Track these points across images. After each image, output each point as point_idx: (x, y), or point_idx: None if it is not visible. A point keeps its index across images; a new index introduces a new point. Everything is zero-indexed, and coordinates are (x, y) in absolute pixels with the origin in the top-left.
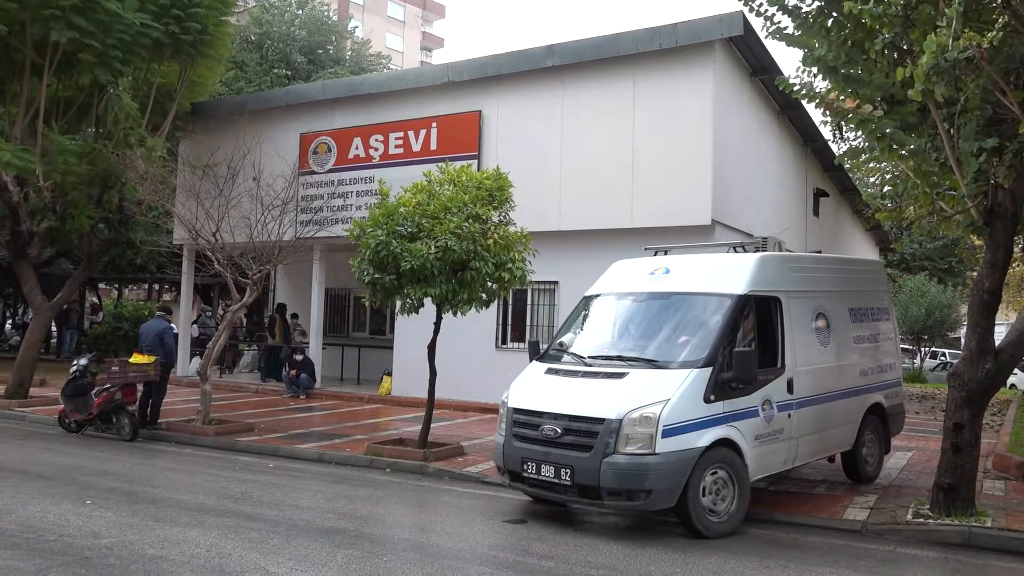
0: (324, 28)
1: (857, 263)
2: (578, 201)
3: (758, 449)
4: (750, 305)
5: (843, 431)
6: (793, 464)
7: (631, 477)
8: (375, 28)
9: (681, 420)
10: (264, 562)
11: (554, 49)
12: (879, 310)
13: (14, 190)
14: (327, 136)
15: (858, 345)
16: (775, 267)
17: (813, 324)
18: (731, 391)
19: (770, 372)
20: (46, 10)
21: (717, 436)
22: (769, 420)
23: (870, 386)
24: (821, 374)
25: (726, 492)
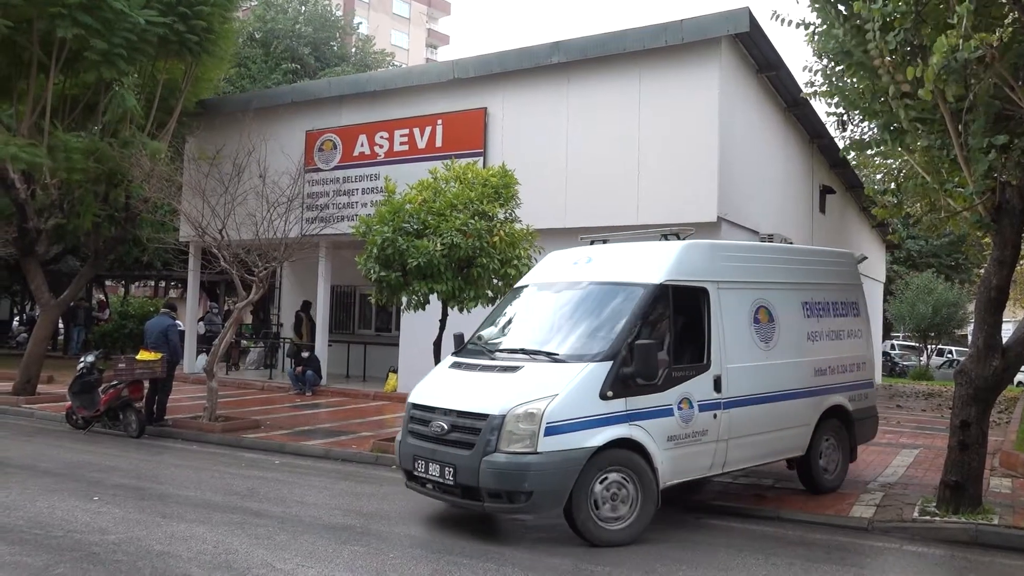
0: (328, 25)
1: (817, 254)
2: (583, 198)
3: (673, 451)
4: (667, 296)
5: (792, 435)
6: (724, 469)
7: (510, 478)
8: (380, 25)
9: (569, 417)
10: (271, 558)
11: (560, 46)
12: (845, 305)
13: (21, 187)
14: (332, 133)
15: (814, 342)
16: (703, 256)
17: (752, 318)
18: (637, 387)
19: (690, 368)
20: (52, 7)
21: (614, 436)
22: (687, 420)
23: (829, 387)
24: (761, 372)
25: (625, 497)
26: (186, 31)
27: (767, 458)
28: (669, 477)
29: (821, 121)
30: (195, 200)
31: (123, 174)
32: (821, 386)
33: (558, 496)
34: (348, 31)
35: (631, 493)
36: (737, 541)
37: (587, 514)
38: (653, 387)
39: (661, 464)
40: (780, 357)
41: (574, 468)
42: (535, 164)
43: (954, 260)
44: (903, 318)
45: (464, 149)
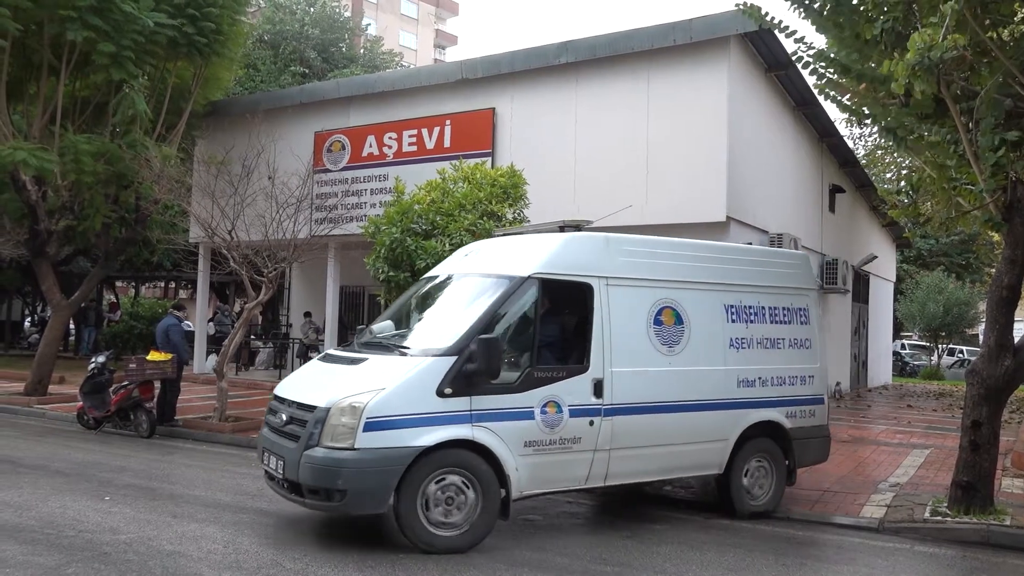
0: (337, 26)
1: (753, 253)
2: (592, 198)
3: (533, 458)
4: (535, 290)
5: (701, 450)
6: (606, 482)
7: (326, 474)
8: (389, 26)
9: (395, 413)
10: (280, 558)
11: (568, 46)
12: (789, 311)
13: (32, 189)
14: (341, 134)
15: (739, 350)
16: (590, 249)
17: (652, 319)
18: (486, 386)
19: (561, 370)
20: (62, 10)
21: (450, 436)
22: (553, 425)
23: (757, 400)
24: (660, 379)
25: (463, 503)
26: (195, 33)
27: (667, 474)
28: (528, 486)
29: (831, 120)
30: (205, 201)
31: (133, 176)
32: (745, 399)
33: (377, 496)
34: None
35: (469, 499)
36: (747, 541)
37: (415, 517)
38: (508, 387)
39: (515, 471)
40: (688, 364)
41: (395, 467)
42: (544, 164)
43: (965, 259)
44: (914, 317)
45: (472, 149)
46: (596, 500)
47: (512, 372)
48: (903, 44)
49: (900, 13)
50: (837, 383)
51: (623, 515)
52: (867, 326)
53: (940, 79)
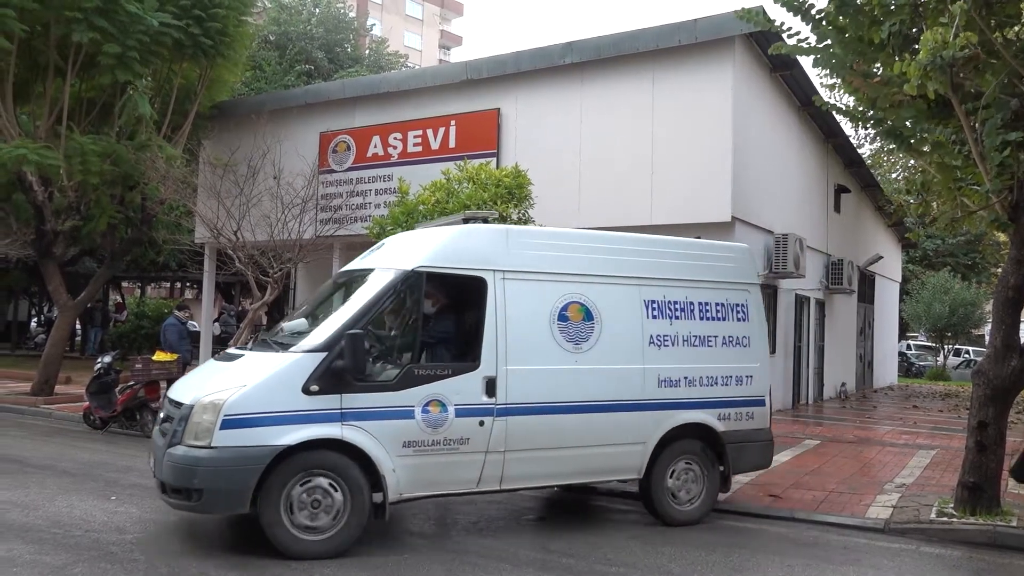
0: (341, 26)
1: (683, 245)
2: (598, 198)
3: (413, 459)
4: (418, 284)
5: (615, 453)
6: (503, 485)
7: (183, 472)
8: (394, 27)
9: (255, 411)
10: (285, 558)
11: (573, 46)
12: (724, 307)
13: (39, 190)
14: (346, 135)
15: (660, 348)
16: (486, 241)
17: (557, 315)
18: (359, 384)
19: (446, 367)
20: (68, 11)
21: (316, 435)
22: (436, 425)
23: (682, 401)
24: (565, 378)
25: (329, 505)
26: (200, 34)
27: (577, 478)
28: (409, 488)
29: (836, 120)
30: (210, 202)
31: (139, 176)
32: (667, 399)
33: (234, 496)
34: (361, 33)
35: (336, 502)
36: (752, 542)
37: (277, 520)
38: (386, 385)
39: (392, 472)
40: (598, 362)
41: (253, 467)
42: (548, 164)
43: (971, 259)
44: (919, 318)
45: (477, 150)
46: (599, 500)
47: (391, 369)
48: (910, 47)
49: (907, 15)
50: (843, 383)
51: (629, 515)
52: (873, 326)
53: (952, 78)
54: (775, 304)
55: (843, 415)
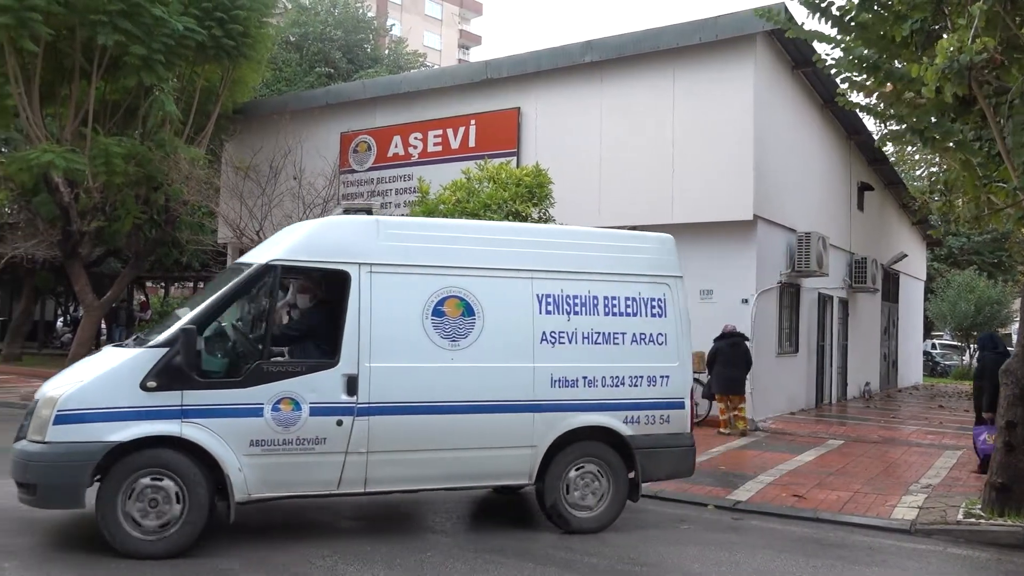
0: (360, 26)
1: (588, 236)
2: (618, 197)
3: (261, 459)
4: (272, 278)
5: (501, 457)
6: (368, 488)
7: (19, 467)
8: (413, 27)
9: (89, 407)
10: (310, 555)
11: (592, 45)
12: (636, 301)
13: (65, 191)
14: (367, 135)
15: (555, 345)
16: (353, 234)
17: (431, 310)
18: (204, 380)
19: (300, 364)
20: (93, 15)
21: (151, 432)
22: (288, 424)
23: (580, 403)
24: (437, 376)
25: (166, 503)
26: (223, 36)
27: (455, 481)
28: (259, 488)
29: (859, 117)
30: (233, 202)
31: (162, 177)
32: (562, 400)
33: (67, 492)
34: (381, 33)
35: (173, 500)
36: (776, 542)
37: (115, 519)
38: (232, 382)
39: (238, 471)
40: (478, 360)
41: (84, 463)
42: (569, 163)
43: (997, 257)
44: (944, 317)
45: (498, 149)
46: None
47: (239, 365)
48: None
49: (930, 12)
50: (867, 383)
51: (650, 514)
52: (897, 325)
53: (971, 81)
54: (798, 303)
55: (867, 415)
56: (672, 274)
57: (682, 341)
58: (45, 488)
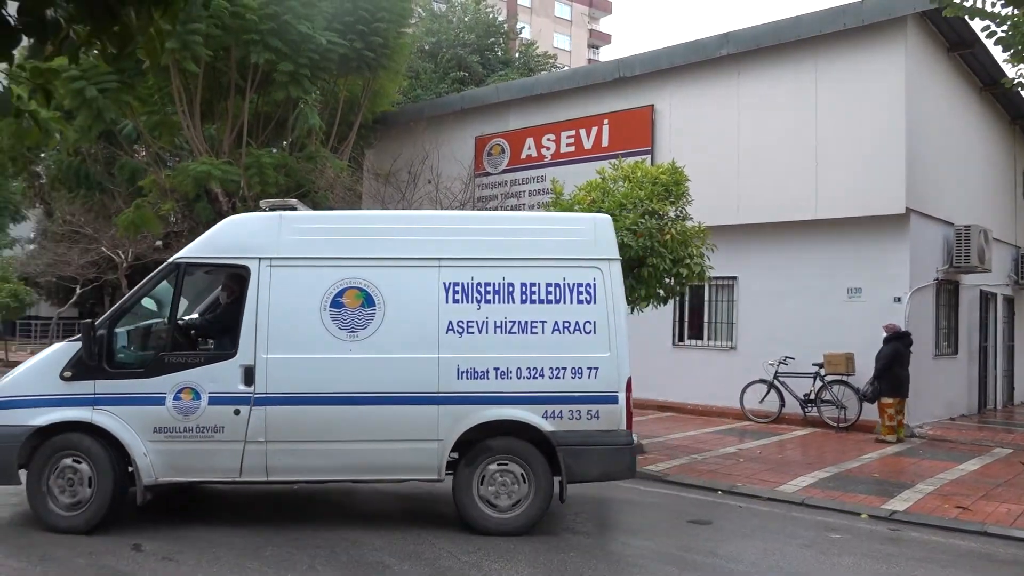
0: (491, 31)
1: (504, 220)
2: (757, 193)
3: (165, 445)
4: (178, 274)
5: (403, 451)
6: (269, 476)
7: None
8: (543, 29)
9: (17, 394)
10: (455, 550)
11: (729, 37)
12: (560, 287)
13: (223, 201)
14: (501, 138)
15: (463, 335)
16: (255, 230)
17: (330, 301)
18: (113, 371)
19: (199, 355)
20: (247, 35)
21: (65, 417)
22: (187, 412)
23: (491, 395)
24: (334, 367)
25: (80, 483)
26: (364, 48)
27: (358, 473)
28: (165, 473)
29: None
30: (374, 207)
31: (309, 186)
32: (469, 393)
33: (3, 471)
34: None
35: (84, 481)
36: (940, 556)
37: (38, 494)
38: (137, 372)
39: (144, 456)
40: (377, 351)
41: (11, 444)
42: (705, 160)
43: None
44: None
45: (631, 148)
46: (777, 508)
47: (143, 357)
48: None
49: None
50: None
51: (797, 522)
52: None
53: None
54: (956, 301)
55: None
56: (605, 256)
57: (615, 330)
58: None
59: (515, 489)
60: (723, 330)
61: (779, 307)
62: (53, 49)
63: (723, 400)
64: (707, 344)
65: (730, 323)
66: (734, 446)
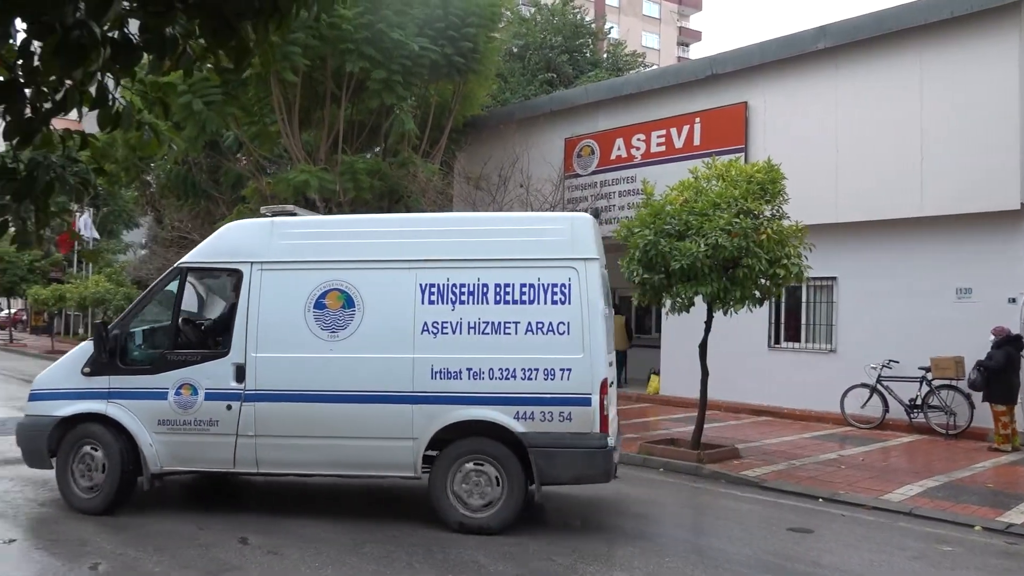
0: (579, 31)
1: (479, 221)
2: (857, 190)
3: (168, 436)
4: (181, 279)
5: (380, 448)
6: (260, 468)
7: (15, 436)
8: (631, 28)
9: (48, 387)
10: (551, 552)
11: (826, 30)
12: (535, 288)
13: (321, 205)
14: (590, 139)
15: (437, 336)
16: (249, 235)
17: (313, 302)
18: (126, 367)
19: (197, 353)
20: (342, 44)
21: (83, 409)
22: (186, 407)
23: (463, 395)
24: (316, 366)
25: (96, 469)
26: (454, 53)
27: (341, 469)
28: (168, 462)
29: None
30: (466, 210)
31: (402, 190)
32: (442, 393)
33: (37, 455)
34: (600, 36)
35: (99, 467)
36: None
37: (66, 481)
38: (144, 369)
39: (150, 446)
40: (356, 351)
41: (42, 432)
42: (802, 157)
43: None
44: None
45: (724, 146)
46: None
47: (149, 355)
48: None
49: None
50: None
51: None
52: None
53: None
54: None
55: None
56: (583, 256)
57: (589, 331)
58: (25, 452)
59: (488, 490)
60: (822, 332)
61: (882, 308)
62: (171, 64)
63: (822, 404)
64: (804, 346)
65: (829, 325)
66: (835, 452)
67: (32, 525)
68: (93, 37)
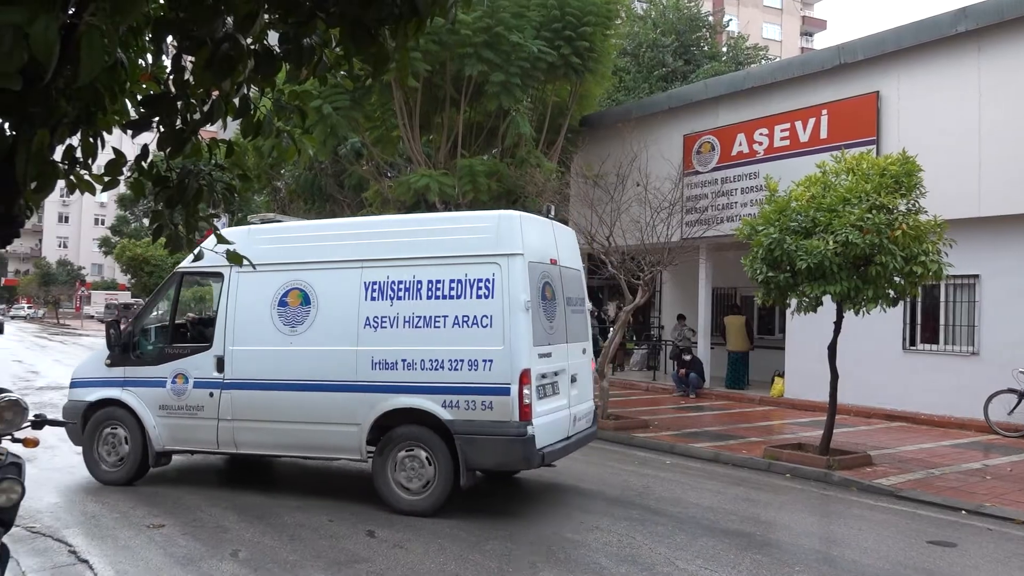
0: (695, 25)
1: (415, 221)
2: (1003, 182)
3: (167, 420)
4: (178, 282)
5: (331, 433)
6: (238, 450)
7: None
8: (751, 20)
9: (82, 377)
10: (674, 557)
11: (967, 12)
12: (461, 283)
13: (440, 207)
14: (710, 135)
15: (377, 330)
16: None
17: (278, 300)
18: (137, 360)
19: (187, 347)
20: (461, 48)
21: (105, 395)
22: (179, 394)
23: (398, 385)
24: (278, 358)
25: (120, 446)
26: (570, 53)
27: (302, 451)
28: (168, 443)
29: None
30: (583, 210)
31: (520, 191)
32: (380, 382)
33: (76, 434)
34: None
35: (121, 445)
36: None
37: (91, 457)
38: (149, 361)
39: (154, 428)
40: (311, 344)
41: (77, 414)
42: (939, 148)
43: None
44: None
45: (853, 139)
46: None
47: (153, 349)
48: None
49: None
50: None
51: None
52: None
53: None
54: None
55: None
56: (506, 252)
57: (510, 324)
58: (70, 431)
59: (422, 472)
60: (963, 333)
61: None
62: (307, 73)
63: (963, 410)
64: (943, 349)
65: (971, 326)
66: (979, 462)
67: (176, 511)
68: (240, 50)
